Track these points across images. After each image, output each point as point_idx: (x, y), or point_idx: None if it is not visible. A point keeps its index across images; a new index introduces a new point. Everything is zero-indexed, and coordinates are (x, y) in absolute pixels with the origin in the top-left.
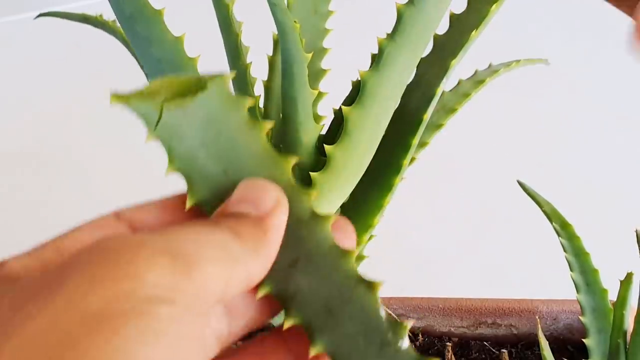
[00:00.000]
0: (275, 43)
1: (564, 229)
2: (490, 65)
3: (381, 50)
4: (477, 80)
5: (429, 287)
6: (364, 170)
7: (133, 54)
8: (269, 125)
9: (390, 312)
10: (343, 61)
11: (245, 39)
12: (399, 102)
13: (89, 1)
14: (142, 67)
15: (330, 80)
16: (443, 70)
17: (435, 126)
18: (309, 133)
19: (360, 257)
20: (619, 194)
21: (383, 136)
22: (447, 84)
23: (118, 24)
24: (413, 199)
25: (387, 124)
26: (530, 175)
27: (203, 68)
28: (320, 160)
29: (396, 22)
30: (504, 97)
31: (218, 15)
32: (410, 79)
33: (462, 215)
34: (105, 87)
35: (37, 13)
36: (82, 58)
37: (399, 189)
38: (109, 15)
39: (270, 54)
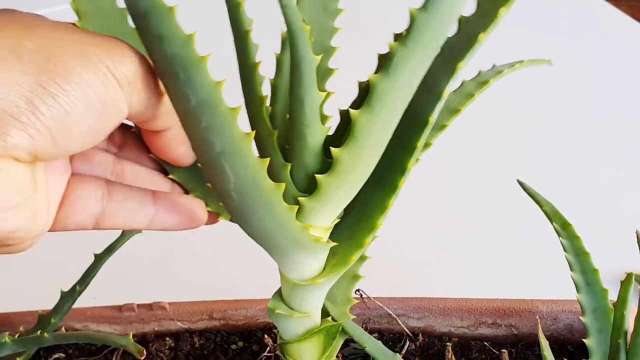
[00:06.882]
0: (284, 41)
1: (564, 229)
2: (494, 66)
3: (392, 54)
4: (480, 81)
5: (429, 287)
6: (370, 173)
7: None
8: None
9: (390, 312)
10: (350, 60)
11: (254, 36)
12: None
13: None
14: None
15: (336, 79)
16: (450, 72)
17: (438, 127)
18: (316, 135)
19: (362, 258)
20: (619, 194)
21: None
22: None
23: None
24: (413, 199)
25: (395, 128)
26: (531, 175)
27: (213, 66)
28: (326, 163)
29: (408, 27)
30: (504, 97)
31: (229, 13)
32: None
33: (462, 215)
34: None
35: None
36: None
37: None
38: None
39: (278, 51)
